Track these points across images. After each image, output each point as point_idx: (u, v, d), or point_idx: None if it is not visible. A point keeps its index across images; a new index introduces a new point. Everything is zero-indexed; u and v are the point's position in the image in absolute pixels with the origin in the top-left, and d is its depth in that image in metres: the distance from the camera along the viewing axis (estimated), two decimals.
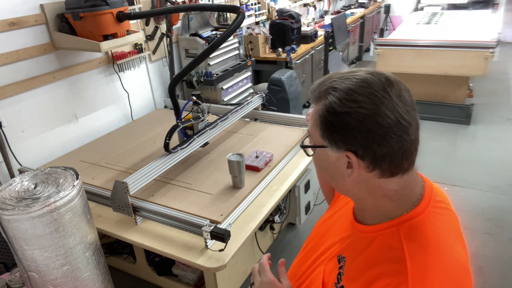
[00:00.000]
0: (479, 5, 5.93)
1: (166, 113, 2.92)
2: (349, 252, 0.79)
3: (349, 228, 0.84)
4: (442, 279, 0.66)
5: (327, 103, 0.68)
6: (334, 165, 0.73)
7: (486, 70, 3.72)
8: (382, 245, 0.73)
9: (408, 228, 0.71)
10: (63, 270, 1.50)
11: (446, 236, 0.72)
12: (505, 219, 2.63)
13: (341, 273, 0.78)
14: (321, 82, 0.72)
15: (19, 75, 2.16)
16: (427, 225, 0.72)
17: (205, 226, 1.52)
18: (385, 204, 0.74)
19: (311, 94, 0.75)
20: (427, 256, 0.68)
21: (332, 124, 0.68)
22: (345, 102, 0.66)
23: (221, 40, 1.84)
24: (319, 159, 0.77)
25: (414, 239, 0.70)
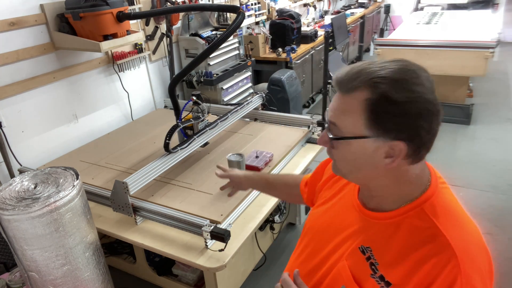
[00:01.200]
0: (479, 5, 5.93)
1: (166, 113, 2.92)
2: (374, 242, 0.79)
3: (359, 218, 0.84)
4: (476, 245, 0.73)
5: (382, 92, 0.67)
6: (368, 156, 0.72)
7: (486, 70, 3.72)
8: (412, 227, 0.74)
9: (431, 205, 0.75)
10: (63, 270, 1.50)
11: (460, 208, 0.78)
12: (505, 219, 2.63)
13: (374, 263, 0.78)
14: (355, 72, 0.71)
15: (19, 75, 2.16)
16: (444, 200, 0.77)
17: (205, 226, 1.52)
18: (406, 188, 0.76)
19: (342, 84, 0.72)
20: (459, 228, 0.73)
21: (388, 113, 0.68)
22: (402, 92, 0.66)
23: (221, 40, 1.84)
24: (348, 151, 0.74)
25: (441, 215, 0.74)
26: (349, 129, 0.72)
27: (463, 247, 0.71)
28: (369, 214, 0.82)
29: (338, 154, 0.78)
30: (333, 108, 0.75)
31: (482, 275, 0.71)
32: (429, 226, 0.73)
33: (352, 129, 0.72)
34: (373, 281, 0.77)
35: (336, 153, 0.78)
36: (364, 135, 0.71)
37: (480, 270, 0.71)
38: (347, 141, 0.73)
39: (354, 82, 0.70)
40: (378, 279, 0.76)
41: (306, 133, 2.40)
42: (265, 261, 2.27)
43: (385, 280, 0.75)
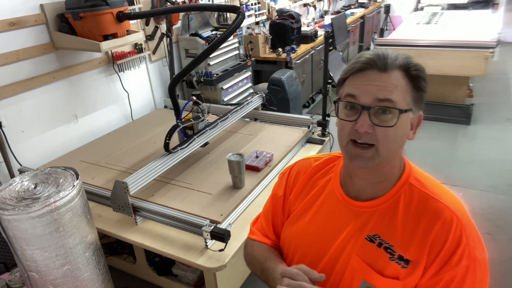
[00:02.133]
0: (479, 5, 5.92)
1: (166, 113, 2.92)
2: (379, 228, 0.83)
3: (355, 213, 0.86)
4: (459, 201, 0.83)
5: (418, 68, 0.79)
6: (407, 129, 0.80)
7: (486, 70, 3.72)
8: (409, 202, 0.82)
9: (415, 179, 0.84)
10: (63, 270, 1.50)
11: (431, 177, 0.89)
12: (505, 219, 2.63)
13: (388, 246, 0.81)
14: (394, 55, 0.79)
15: (19, 75, 2.16)
16: (419, 171, 0.88)
17: (205, 226, 1.52)
18: (397, 165, 0.85)
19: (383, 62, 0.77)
20: (446, 193, 0.83)
21: (421, 87, 0.80)
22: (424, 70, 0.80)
23: (221, 40, 1.84)
24: (400, 127, 0.77)
25: (427, 185, 0.83)
26: (402, 104, 0.77)
27: (458, 207, 0.81)
28: (367, 204, 0.84)
29: (387, 134, 0.76)
30: (383, 85, 0.76)
31: (474, 226, 0.81)
32: (422, 196, 0.82)
33: (404, 103, 0.77)
34: (393, 263, 0.80)
35: (383, 134, 0.76)
36: (411, 107, 0.78)
37: (472, 222, 0.81)
38: (403, 116, 0.77)
39: (395, 62, 0.77)
40: (398, 260, 0.79)
41: (306, 133, 2.40)
42: None
43: (404, 259, 0.79)
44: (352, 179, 0.87)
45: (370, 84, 0.76)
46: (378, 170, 0.82)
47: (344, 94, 0.80)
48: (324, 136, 2.43)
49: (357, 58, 0.80)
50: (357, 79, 0.78)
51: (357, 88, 0.77)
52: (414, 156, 3.72)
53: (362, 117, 0.76)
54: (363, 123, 0.76)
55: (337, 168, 0.93)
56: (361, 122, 0.76)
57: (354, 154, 0.79)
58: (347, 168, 0.88)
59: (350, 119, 0.78)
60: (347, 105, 0.79)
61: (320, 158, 1.00)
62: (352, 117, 0.78)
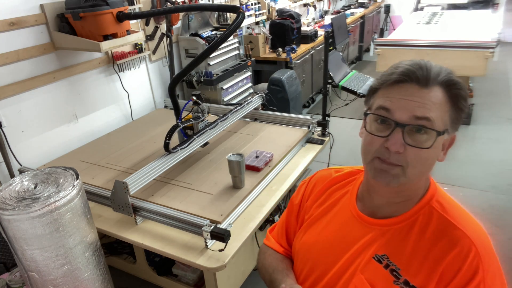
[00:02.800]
0: (479, 5, 5.92)
1: (166, 113, 2.92)
2: (389, 248, 0.77)
3: (367, 229, 0.81)
4: (486, 235, 0.77)
5: (461, 87, 0.71)
6: (438, 152, 0.74)
7: (486, 70, 3.72)
8: (425, 225, 0.75)
9: (438, 202, 0.78)
10: (63, 270, 1.50)
11: (457, 203, 0.81)
12: (505, 219, 2.63)
13: (395, 269, 0.75)
14: (436, 70, 0.71)
15: (19, 75, 2.16)
16: (445, 196, 0.80)
17: (205, 226, 1.52)
18: (422, 186, 0.79)
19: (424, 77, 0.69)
20: (469, 220, 0.76)
21: (461, 107, 0.72)
22: (466, 89, 0.73)
23: (221, 40, 1.84)
24: (434, 148, 0.71)
25: (449, 210, 0.77)
26: (439, 124, 0.70)
27: (478, 238, 0.73)
28: (381, 222, 0.79)
29: (420, 156, 0.70)
30: (422, 102, 0.68)
31: (498, 262, 0.75)
32: (441, 221, 0.75)
33: (441, 123, 0.70)
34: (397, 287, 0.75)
35: (415, 155, 0.70)
36: (447, 128, 0.72)
37: (495, 258, 0.75)
38: (438, 138, 0.70)
39: (437, 78, 0.70)
40: (403, 285, 0.74)
41: (306, 133, 2.40)
42: None
43: (410, 285, 0.73)
44: (371, 195, 0.82)
45: (407, 99, 0.69)
46: (402, 191, 0.77)
47: (376, 106, 0.73)
48: (324, 136, 2.43)
49: (394, 68, 0.73)
50: (393, 91, 0.72)
51: (392, 102, 0.70)
52: None
53: (395, 134, 0.69)
54: (395, 142, 0.69)
55: (357, 182, 0.89)
56: (393, 140, 0.69)
57: (379, 169, 0.73)
58: (368, 184, 0.83)
59: (381, 135, 0.71)
60: (378, 118, 0.72)
61: (341, 170, 0.96)
62: (383, 132, 0.71)
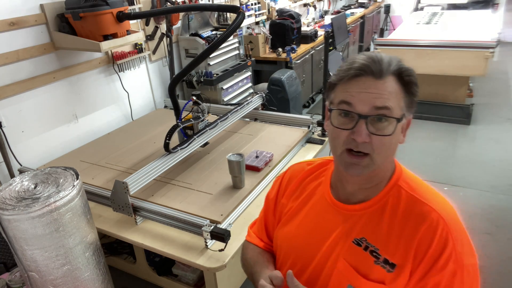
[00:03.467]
0: (479, 5, 5.92)
1: (166, 113, 2.92)
2: (366, 231, 0.82)
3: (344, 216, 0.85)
4: (449, 205, 0.81)
5: (411, 74, 0.77)
6: (399, 136, 0.79)
7: (486, 70, 3.72)
8: (396, 205, 0.81)
9: (405, 182, 0.83)
10: (63, 270, 1.50)
11: (422, 181, 0.87)
12: (505, 219, 2.63)
13: (374, 250, 0.80)
14: (387, 61, 0.76)
15: (19, 75, 2.16)
16: (409, 175, 0.86)
17: (205, 226, 1.52)
18: (389, 169, 0.84)
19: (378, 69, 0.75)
20: (435, 196, 0.82)
21: (413, 92, 0.78)
22: (414, 73, 0.78)
23: (221, 40, 1.84)
24: (396, 133, 0.76)
25: (416, 188, 0.82)
26: (397, 110, 0.76)
27: (444, 210, 0.79)
28: (355, 207, 0.84)
29: (383, 142, 0.75)
30: (380, 93, 0.74)
31: (465, 231, 0.79)
32: (410, 199, 0.81)
33: (398, 109, 0.76)
34: (378, 267, 0.79)
35: (380, 142, 0.75)
36: (404, 113, 0.78)
37: (462, 228, 0.79)
38: (398, 124, 0.76)
39: (389, 68, 0.76)
40: (383, 264, 0.78)
41: (306, 133, 2.40)
42: None
43: (390, 263, 0.78)
44: (343, 184, 0.86)
45: (366, 91, 0.74)
46: (372, 177, 0.82)
47: (338, 101, 0.78)
48: (324, 136, 2.43)
49: (350, 63, 0.77)
50: (352, 86, 0.76)
51: (353, 96, 0.75)
52: (414, 156, 3.73)
53: (359, 126, 0.74)
54: (361, 133, 0.74)
55: (328, 172, 0.94)
56: (359, 132, 0.74)
57: (350, 163, 0.78)
58: (339, 174, 0.87)
59: (346, 128, 0.76)
60: (342, 112, 0.77)
61: (313, 162, 1.00)
62: (347, 125, 0.76)
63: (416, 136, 3.80)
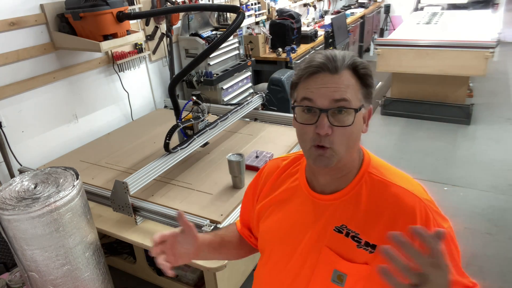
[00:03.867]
0: (479, 5, 5.93)
1: (166, 113, 2.92)
2: (345, 218, 0.86)
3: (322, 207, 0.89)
4: (416, 182, 0.88)
5: (365, 66, 0.82)
6: (360, 124, 0.83)
7: (486, 70, 3.72)
8: (370, 190, 0.86)
9: (374, 168, 0.89)
10: (63, 270, 1.50)
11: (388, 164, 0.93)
12: (505, 219, 2.63)
13: (354, 235, 0.84)
14: (341, 57, 0.81)
15: (19, 75, 2.16)
16: (379, 161, 0.92)
17: (205, 226, 1.52)
18: (356, 158, 0.88)
19: (333, 65, 0.80)
20: (403, 178, 0.88)
21: (369, 84, 0.83)
22: (369, 67, 0.83)
23: (221, 40, 1.84)
24: (355, 124, 0.80)
25: (386, 173, 0.88)
26: (356, 102, 0.80)
27: (417, 190, 0.85)
28: (332, 197, 0.89)
29: (344, 133, 0.80)
30: (337, 87, 0.79)
31: (434, 202, 0.86)
32: (381, 183, 0.86)
33: (357, 101, 0.80)
34: (361, 250, 0.83)
35: (341, 134, 0.79)
36: (362, 104, 0.82)
37: (433, 201, 0.86)
38: (357, 114, 0.80)
39: (343, 63, 0.80)
40: (365, 246, 0.83)
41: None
42: None
43: (371, 244, 0.83)
44: (316, 176, 0.91)
45: (324, 86, 0.79)
46: (340, 167, 0.86)
47: (300, 98, 0.83)
48: None
49: (308, 62, 0.83)
50: (311, 82, 0.81)
51: (313, 92, 0.80)
52: (414, 156, 3.72)
53: (321, 119, 0.79)
54: (323, 125, 0.78)
55: (302, 166, 0.98)
56: (321, 125, 0.78)
57: (316, 155, 0.82)
58: (311, 168, 0.92)
59: (310, 123, 0.81)
60: (305, 108, 0.82)
61: (288, 158, 1.06)
62: (311, 120, 0.80)
63: (416, 136, 3.80)
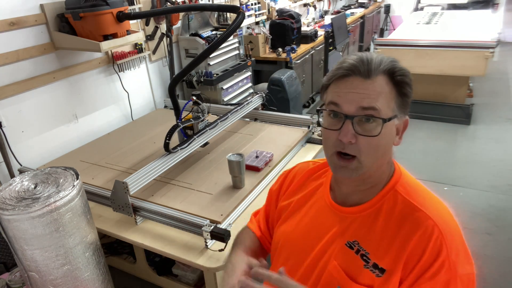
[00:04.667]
0: (479, 5, 5.93)
1: (166, 113, 2.92)
2: (359, 234, 0.81)
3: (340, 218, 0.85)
4: (450, 215, 0.79)
5: (404, 74, 0.76)
6: (390, 137, 0.78)
7: (486, 70, 3.72)
8: (390, 210, 0.80)
9: (402, 186, 0.81)
10: (63, 270, 1.50)
11: (424, 187, 0.85)
12: (505, 219, 2.63)
13: (364, 254, 0.79)
14: (378, 60, 0.76)
15: (19, 75, 2.16)
16: (411, 180, 0.84)
17: (205, 226, 1.52)
18: (386, 171, 0.83)
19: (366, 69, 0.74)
20: (432, 202, 0.79)
21: (406, 93, 0.77)
22: (409, 75, 0.77)
23: (221, 40, 1.84)
24: (385, 134, 0.75)
25: (413, 193, 0.80)
26: (387, 111, 0.74)
27: (441, 218, 0.76)
28: (347, 210, 0.84)
29: (371, 143, 0.74)
30: (367, 93, 0.73)
31: (462, 239, 0.77)
32: (405, 205, 0.79)
33: (388, 110, 0.75)
34: (367, 271, 0.78)
35: (367, 143, 0.74)
36: (396, 114, 0.76)
37: (459, 235, 0.77)
38: (387, 125, 0.74)
39: (379, 68, 0.75)
40: (372, 268, 0.77)
41: (306, 133, 2.40)
42: None
43: (379, 268, 0.77)
44: (339, 185, 0.87)
45: (353, 91, 0.74)
46: (365, 179, 0.81)
47: (327, 102, 0.79)
48: None
49: (340, 63, 0.78)
50: (340, 86, 0.76)
51: (340, 96, 0.75)
52: (414, 156, 3.72)
53: (345, 126, 0.74)
54: (346, 133, 0.74)
55: (330, 173, 0.94)
56: (344, 132, 0.74)
57: (339, 165, 0.78)
58: (334, 176, 0.88)
59: (334, 128, 0.76)
60: (331, 113, 0.77)
61: (317, 162, 1.01)
62: (335, 126, 0.76)
63: (416, 136, 3.80)
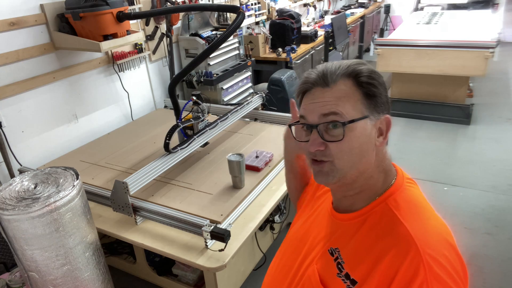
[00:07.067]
0: (479, 5, 5.92)
1: (166, 113, 2.92)
2: (341, 242, 0.80)
3: (330, 222, 0.85)
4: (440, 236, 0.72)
5: (368, 74, 0.76)
6: (368, 137, 0.75)
7: (486, 70, 3.72)
8: (377, 221, 0.76)
9: (394, 200, 0.77)
10: (63, 270, 1.50)
11: (428, 205, 0.79)
12: (505, 219, 2.63)
13: (340, 262, 0.78)
14: (333, 68, 0.77)
15: (19, 75, 2.16)
16: (409, 196, 0.79)
17: (205, 226, 1.52)
18: (379, 179, 0.80)
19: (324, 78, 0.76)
20: (421, 220, 0.74)
21: (373, 94, 0.75)
22: (374, 75, 0.77)
23: (221, 40, 1.84)
24: (354, 138, 0.74)
25: (403, 207, 0.76)
26: (352, 113, 0.74)
27: (423, 237, 0.69)
28: (338, 216, 0.84)
29: (341, 148, 0.74)
30: (326, 101, 0.75)
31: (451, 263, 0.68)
32: (390, 218, 0.75)
33: (354, 112, 0.74)
34: (339, 280, 0.77)
35: (337, 148, 0.74)
36: (365, 115, 0.75)
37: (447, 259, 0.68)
38: (353, 127, 0.73)
39: (335, 74, 0.76)
40: (344, 278, 0.76)
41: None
42: (265, 261, 2.27)
43: (350, 278, 0.75)
44: (332, 191, 0.88)
45: (315, 101, 0.76)
46: (349, 183, 0.79)
47: (299, 116, 0.81)
48: None
49: (304, 78, 0.80)
50: (305, 99, 0.79)
51: (305, 109, 0.78)
52: (414, 156, 3.73)
53: (312, 136, 0.76)
54: (313, 142, 0.75)
55: None
56: (311, 141, 0.76)
57: (315, 171, 0.79)
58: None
59: (305, 140, 0.79)
60: (302, 126, 0.80)
61: None
62: (307, 137, 0.78)
63: (416, 136, 3.80)
